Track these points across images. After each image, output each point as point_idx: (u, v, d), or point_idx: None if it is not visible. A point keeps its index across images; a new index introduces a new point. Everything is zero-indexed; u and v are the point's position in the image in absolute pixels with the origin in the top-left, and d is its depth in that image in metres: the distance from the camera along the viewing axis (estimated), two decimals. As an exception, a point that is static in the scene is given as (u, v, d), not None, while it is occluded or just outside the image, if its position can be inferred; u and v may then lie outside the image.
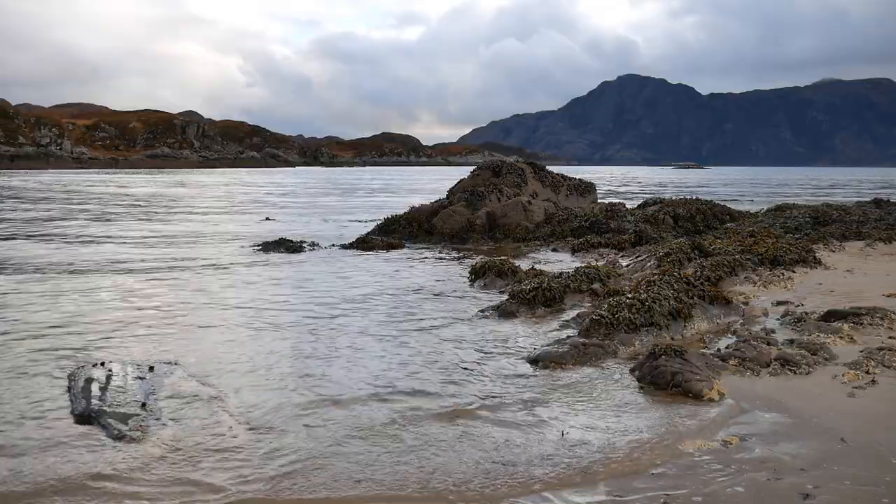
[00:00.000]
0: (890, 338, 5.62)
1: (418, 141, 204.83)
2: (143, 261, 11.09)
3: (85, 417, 4.17)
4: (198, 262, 10.95)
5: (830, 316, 6.24)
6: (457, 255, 12.10)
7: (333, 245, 13.31)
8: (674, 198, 17.33)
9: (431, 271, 10.27)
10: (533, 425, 4.11)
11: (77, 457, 3.69)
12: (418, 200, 18.20)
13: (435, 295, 8.30)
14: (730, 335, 6.07)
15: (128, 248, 12.86)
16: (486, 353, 5.69)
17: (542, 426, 4.09)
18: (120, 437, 3.89)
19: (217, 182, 52.12)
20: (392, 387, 4.83)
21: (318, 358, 5.55)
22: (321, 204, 28.00)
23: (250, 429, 4.07)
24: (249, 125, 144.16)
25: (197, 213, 21.77)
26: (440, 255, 12.21)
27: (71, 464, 3.61)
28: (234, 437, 3.95)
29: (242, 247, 13.03)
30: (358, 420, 4.21)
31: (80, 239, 14.24)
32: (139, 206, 24.98)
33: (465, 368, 5.24)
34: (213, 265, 10.69)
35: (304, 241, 13.21)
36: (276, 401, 4.54)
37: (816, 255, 9.54)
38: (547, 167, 17.97)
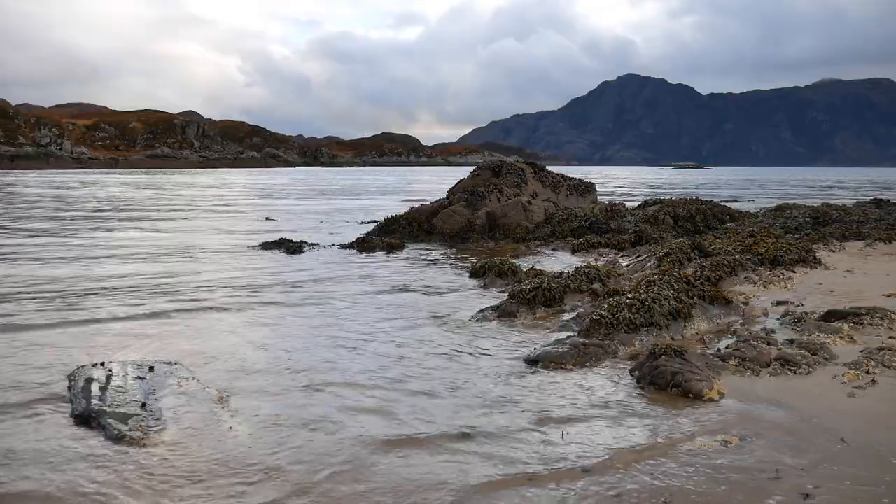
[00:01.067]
0: (890, 338, 5.62)
1: (418, 141, 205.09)
2: (138, 272, 11.08)
3: (84, 417, 4.16)
4: (198, 262, 10.95)
5: (830, 316, 6.23)
6: (457, 255, 12.11)
7: (333, 245, 13.31)
8: (674, 198, 17.33)
9: (431, 271, 10.27)
10: (532, 425, 4.11)
11: (76, 457, 3.69)
12: (417, 199, 18.21)
13: (434, 295, 8.30)
14: (730, 335, 6.06)
15: (126, 254, 12.85)
16: (485, 353, 5.69)
17: (542, 425, 4.09)
18: (120, 438, 3.89)
19: (217, 182, 52.11)
20: (389, 387, 4.83)
21: (318, 359, 5.55)
22: (321, 204, 28.00)
23: (251, 430, 4.07)
24: (249, 125, 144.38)
25: (198, 213, 21.77)
26: (440, 255, 12.22)
27: (70, 463, 3.61)
28: (235, 437, 3.95)
29: (243, 247, 13.02)
30: (360, 415, 4.22)
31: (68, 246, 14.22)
32: (137, 207, 24.98)
33: (464, 368, 5.24)
34: (214, 265, 10.69)
35: (305, 242, 13.21)
36: (278, 402, 4.54)
37: (816, 255, 9.54)
38: (547, 167, 17.97)
